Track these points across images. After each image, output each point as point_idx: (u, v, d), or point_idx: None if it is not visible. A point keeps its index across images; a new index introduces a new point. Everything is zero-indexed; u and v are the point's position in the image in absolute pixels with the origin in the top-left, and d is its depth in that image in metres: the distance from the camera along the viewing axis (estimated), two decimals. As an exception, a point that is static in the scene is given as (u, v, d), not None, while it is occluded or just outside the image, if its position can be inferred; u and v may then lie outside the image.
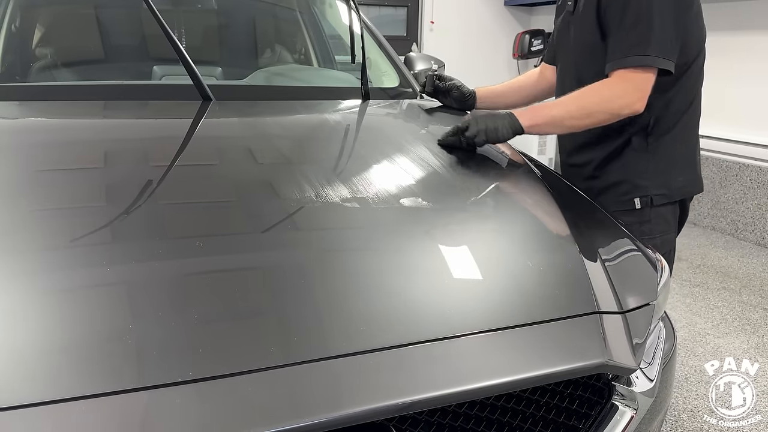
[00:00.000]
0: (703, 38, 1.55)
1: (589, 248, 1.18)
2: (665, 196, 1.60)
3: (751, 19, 3.99)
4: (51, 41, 2.19)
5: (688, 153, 1.63)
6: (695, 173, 1.65)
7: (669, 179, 1.59)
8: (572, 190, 1.52)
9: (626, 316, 1.05)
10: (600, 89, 1.49)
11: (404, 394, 0.79)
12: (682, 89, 1.55)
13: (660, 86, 1.48)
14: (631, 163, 1.59)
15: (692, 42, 1.50)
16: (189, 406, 0.73)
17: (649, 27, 1.41)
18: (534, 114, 1.53)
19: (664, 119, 1.55)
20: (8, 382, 0.72)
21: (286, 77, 2.27)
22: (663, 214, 1.61)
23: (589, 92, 1.50)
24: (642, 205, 1.59)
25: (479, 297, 1.01)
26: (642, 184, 1.59)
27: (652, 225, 1.59)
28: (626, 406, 1.02)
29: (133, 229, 1.04)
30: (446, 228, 1.21)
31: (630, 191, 1.60)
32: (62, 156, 1.33)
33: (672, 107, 1.55)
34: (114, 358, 0.77)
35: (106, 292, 0.89)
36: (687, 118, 1.59)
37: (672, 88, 1.53)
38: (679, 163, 1.61)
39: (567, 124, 1.53)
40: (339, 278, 0.99)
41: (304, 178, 1.26)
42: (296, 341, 0.83)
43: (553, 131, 1.67)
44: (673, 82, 1.51)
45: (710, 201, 4.36)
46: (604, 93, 1.48)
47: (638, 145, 1.58)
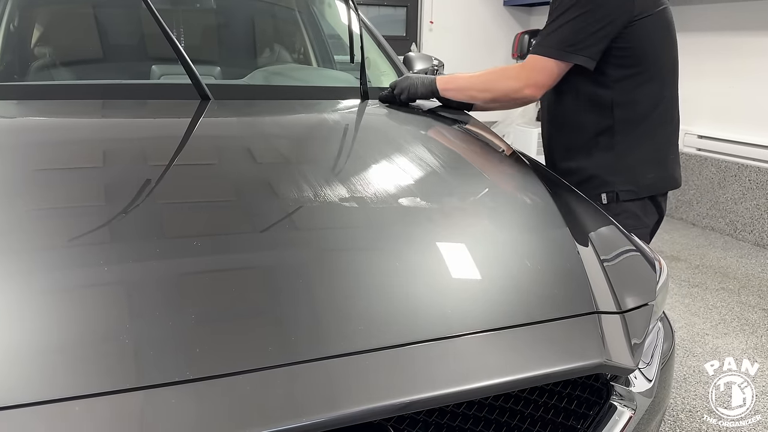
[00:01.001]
0: (661, 50, 1.63)
1: (587, 248, 1.18)
2: (632, 192, 1.67)
3: (748, 19, 3.99)
4: (50, 40, 2.19)
5: (657, 152, 1.70)
6: (666, 171, 1.71)
7: (636, 176, 1.66)
8: (571, 190, 1.52)
9: (625, 317, 1.05)
10: (504, 70, 1.72)
11: (402, 394, 0.79)
12: (645, 94, 1.63)
13: (622, 90, 1.61)
14: (599, 159, 1.68)
15: (645, 52, 1.59)
16: (186, 405, 0.72)
17: (561, 23, 1.56)
18: (449, 80, 1.81)
19: (629, 121, 1.64)
20: (4, 382, 0.71)
21: (285, 77, 2.27)
22: (631, 209, 1.68)
23: (496, 71, 1.73)
24: (608, 200, 1.67)
25: (477, 297, 1.01)
26: (609, 179, 1.67)
27: (620, 219, 1.63)
28: (624, 406, 1.02)
29: (130, 228, 1.04)
30: (444, 228, 1.20)
31: (598, 186, 1.68)
32: (60, 155, 1.33)
33: (637, 109, 1.63)
34: (111, 357, 0.77)
35: (103, 292, 0.89)
36: (653, 120, 1.66)
37: (636, 89, 1.62)
38: (646, 161, 1.67)
39: (470, 94, 1.80)
40: (337, 278, 0.98)
41: (303, 178, 1.26)
42: (294, 341, 0.83)
43: (461, 98, 1.84)
44: (633, 86, 1.61)
45: (709, 201, 4.36)
46: (505, 73, 1.70)
47: (605, 143, 1.66)
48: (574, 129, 1.71)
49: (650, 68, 1.61)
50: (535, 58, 1.61)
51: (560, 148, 1.79)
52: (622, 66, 1.58)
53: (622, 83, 1.60)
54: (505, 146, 1.76)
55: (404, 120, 1.90)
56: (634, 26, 1.54)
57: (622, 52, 1.56)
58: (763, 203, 4.01)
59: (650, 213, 1.72)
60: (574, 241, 1.19)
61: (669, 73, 1.66)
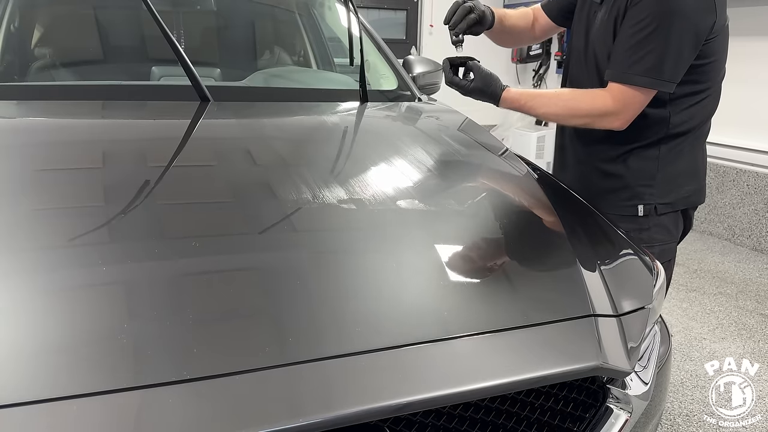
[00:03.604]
0: (724, 64, 1.55)
1: (584, 251, 1.19)
2: (670, 205, 1.60)
3: (748, 24, 4.00)
4: (50, 41, 2.19)
5: (696, 164, 1.64)
6: (700, 184, 1.65)
7: (675, 188, 1.59)
8: (569, 193, 1.52)
9: (621, 320, 1.05)
10: (594, 100, 1.50)
11: (399, 395, 0.79)
12: (703, 107, 1.56)
13: (682, 102, 1.51)
14: (639, 169, 1.59)
15: (719, 64, 1.51)
16: (183, 405, 0.72)
17: (665, 50, 1.40)
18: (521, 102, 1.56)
19: (681, 132, 1.56)
20: (3, 380, 0.72)
21: (285, 79, 2.27)
22: (664, 223, 1.61)
23: (583, 99, 1.52)
24: (645, 212, 1.59)
25: (474, 299, 1.01)
26: (648, 191, 1.59)
27: (652, 233, 1.59)
28: (621, 409, 1.02)
29: (129, 229, 1.04)
30: (442, 230, 1.21)
31: (634, 197, 1.60)
32: (60, 156, 1.33)
33: (691, 122, 1.56)
34: (109, 357, 0.77)
35: (101, 292, 0.89)
36: (700, 131, 1.60)
37: (694, 105, 1.54)
38: (686, 173, 1.61)
39: (549, 119, 1.67)
40: (334, 279, 0.99)
41: (302, 180, 1.26)
42: (291, 341, 0.83)
43: (528, 113, 1.64)
44: (692, 103, 1.52)
45: (707, 206, 4.36)
46: (597, 104, 1.50)
47: (650, 153, 1.57)
48: (616, 139, 1.58)
49: (714, 84, 1.53)
50: (624, 91, 1.45)
51: (593, 152, 1.66)
52: (684, 83, 1.47)
53: (680, 100, 1.51)
54: (503, 150, 1.76)
55: (403, 123, 1.91)
56: (711, 42, 1.44)
57: (692, 69, 1.46)
58: (762, 208, 4.02)
59: (679, 226, 1.66)
60: (571, 244, 1.19)
61: (721, 84, 1.58)
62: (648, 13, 1.40)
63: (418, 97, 2.11)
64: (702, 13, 1.40)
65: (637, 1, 1.43)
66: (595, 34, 1.58)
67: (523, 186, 1.49)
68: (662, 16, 1.39)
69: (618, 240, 1.34)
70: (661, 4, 1.39)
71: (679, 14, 1.38)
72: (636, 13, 1.43)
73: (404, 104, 2.04)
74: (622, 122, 1.49)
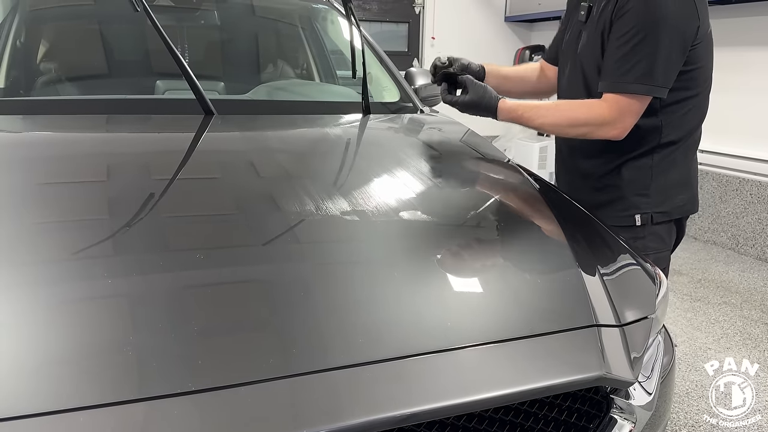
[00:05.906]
0: (711, 70, 1.57)
1: (587, 261, 1.19)
2: (665, 214, 1.61)
3: (750, 34, 4.02)
4: (55, 56, 2.21)
5: (689, 172, 1.65)
6: (692, 192, 1.67)
7: (669, 198, 1.61)
8: (571, 203, 1.53)
9: (624, 330, 1.06)
10: (590, 110, 1.52)
11: (402, 406, 0.79)
12: (693, 114, 1.57)
13: (673, 110, 1.52)
14: (634, 179, 1.60)
15: (706, 72, 1.53)
16: (188, 417, 0.73)
17: (655, 57, 1.43)
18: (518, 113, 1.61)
19: (673, 140, 1.57)
20: (8, 393, 0.72)
21: (288, 92, 2.29)
22: (658, 232, 1.62)
23: (580, 109, 1.55)
24: (642, 221, 1.60)
25: (477, 309, 1.02)
26: (643, 201, 1.60)
27: (646, 242, 1.60)
28: (625, 420, 1.02)
29: (134, 241, 1.05)
30: (445, 241, 1.21)
31: (631, 207, 1.61)
32: (65, 169, 1.35)
33: (682, 129, 1.57)
34: (114, 369, 0.77)
35: (107, 304, 0.90)
36: (692, 139, 1.61)
37: (685, 113, 1.55)
38: (679, 182, 1.62)
39: (547, 129, 1.65)
40: (339, 291, 0.99)
41: (305, 192, 1.27)
42: (295, 353, 0.84)
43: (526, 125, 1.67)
44: (684, 110, 1.54)
45: (711, 215, 4.36)
46: (593, 114, 1.51)
47: (644, 162, 1.59)
48: (610, 151, 1.60)
49: (703, 90, 1.55)
50: (619, 100, 1.48)
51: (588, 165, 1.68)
52: (673, 90, 1.49)
53: (671, 107, 1.53)
54: (505, 161, 1.77)
55: (406, 135, 1.92)
56: (696, 48, 1.47)
57: (680, 75, 1.48)
58: (765, 217, 4.01)
59: (672, 235, 1.67)
60: (574, 254, 1.19)
61: (709, 89, 1.60)
62: (634, 24, 1.44)
63: (421, 109, 2.12)
64: (686, 18, 1.44)
65: (622, 14, 1.46)
66: (582, 51, 1.61)
67: (525, 196, 1.50)
68: (648, 25, 1.42)
69: (620, 250, 1.34)
70: (646, 14, 1.42)
71: (664, 21, 1.41)
72: (622, 24, 1.46)
73: (407, 116, 2.05)
74: (619, 131, 1.51)
